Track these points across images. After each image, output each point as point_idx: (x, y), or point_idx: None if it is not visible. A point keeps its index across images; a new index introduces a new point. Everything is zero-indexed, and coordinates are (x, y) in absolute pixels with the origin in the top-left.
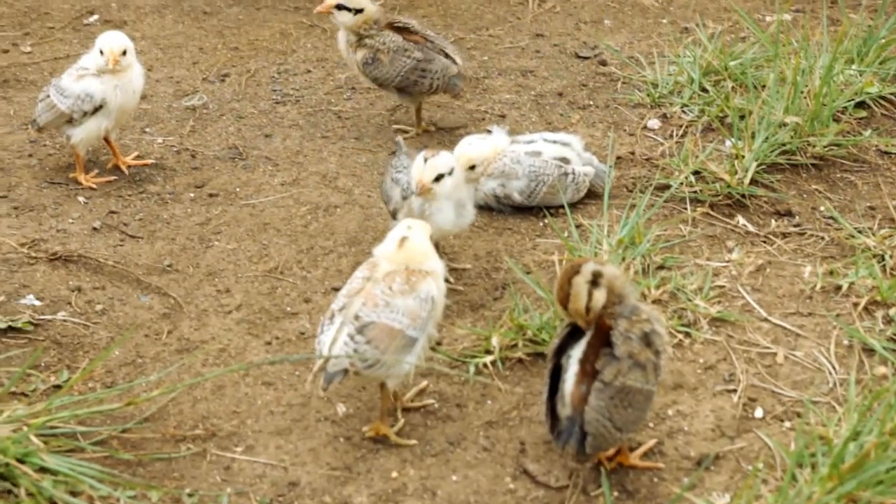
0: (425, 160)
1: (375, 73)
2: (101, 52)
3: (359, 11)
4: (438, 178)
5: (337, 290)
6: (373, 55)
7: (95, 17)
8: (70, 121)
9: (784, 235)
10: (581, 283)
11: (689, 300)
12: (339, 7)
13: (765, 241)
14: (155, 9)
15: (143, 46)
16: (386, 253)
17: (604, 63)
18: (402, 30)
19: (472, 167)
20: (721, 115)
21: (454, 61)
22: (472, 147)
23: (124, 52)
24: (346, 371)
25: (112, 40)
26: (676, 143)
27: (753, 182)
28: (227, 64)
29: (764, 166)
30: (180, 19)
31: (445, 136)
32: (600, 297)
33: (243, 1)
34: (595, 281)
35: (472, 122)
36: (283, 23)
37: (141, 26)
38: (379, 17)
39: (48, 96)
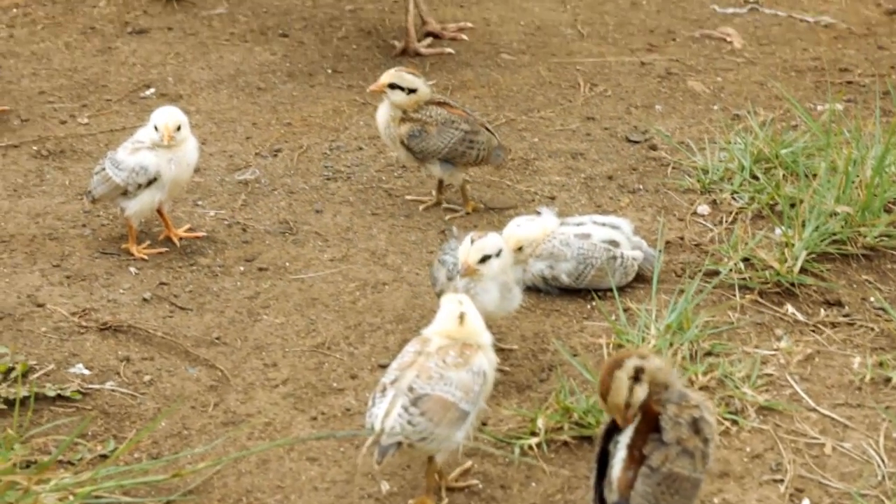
0: (472, 241)
1: (423, 145)
2: (156, 128)
3: (412, 91)
4: (484, 260)
5: (384, 366)
6: (420, 127)
7: (152, 90)
8: (124, 193)
9: (833, 325)
10: (623, 377)
11: (737, 388)
12: (393, 87)
13: (814, 331)
14: (210, 84)
15: (198, 120)
16: (445, 329)
17: (654, 147)
18: (443, 104)
19: (521, 248)
20: (771, 202)
21: (494, 134)
22: (521, 228)
23: (179, 128)
24: (399, 444)
25: (167, 116)
26: (726, 229)
27: (803, 271)
28: (279, 139)
29: (814, 255)
30: (235, 94)
31: (495, 216)
32: (641, 393)
33: (297, 78)
34: (637, 376)
35: (521, 203)
36: (336, 100)
37: (196, 100)
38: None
39: (103, 169)
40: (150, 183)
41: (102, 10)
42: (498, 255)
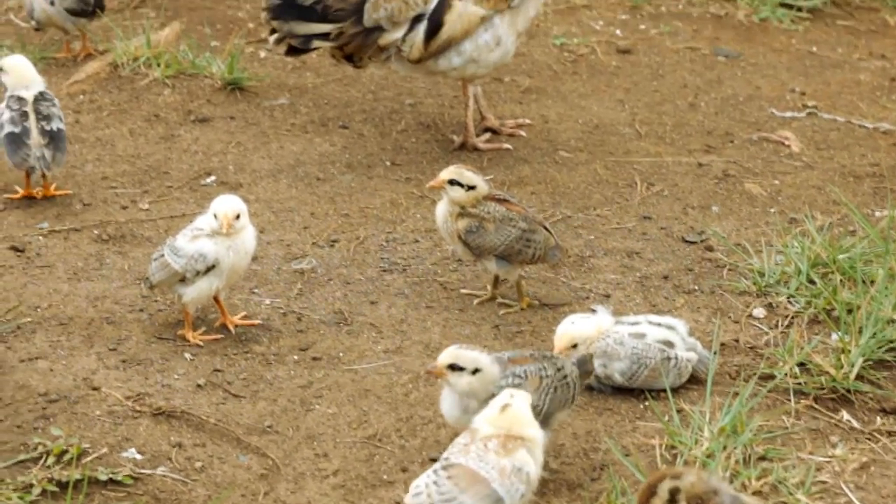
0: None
1: (479, 241)
2: (216, 216)
3: (472, 188)
4: (454, 368)
5: (434, 460)
6: (478, 223)
7: (213, 178)
8: (182, 279)
9: (890, 434)
10: None
11: (791, 494)
12: (453, 183)
13: (869, 439)
14: (270, 173)
15: (257, 209)
16: (488, 417)
17: (710, 249)
18: (503, 201)
19: (575, 346)
20: (828, 307)
21: (552, 233)
22: (576, 326)
23: (238, 216)
24: None
25: (227, 205)
26: (782, 333)
27: (859, 377)
28: (337, 230)
29: (871, 362)
30: (294, 184)
31: (549, 312)
32: None
33: (356, 169)
34: (673, 498)
35: (576, 300)
36: (394, 192)
37: (256, 189)
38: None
39: (162, 255)
40: (208, 270)
41: (167, 98)
42: (473, 373)
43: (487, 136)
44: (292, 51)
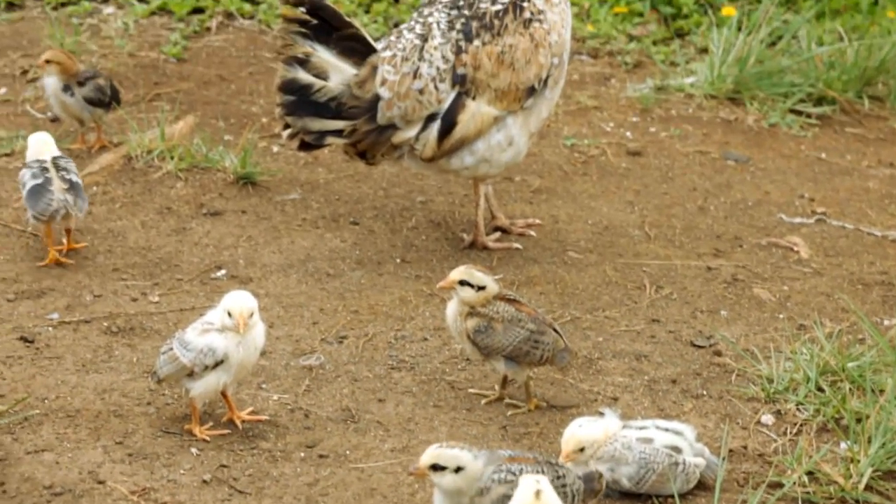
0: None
1: (487, 341)
2: (230, 313)
3: (482, 288)
4: (436, 468)
5: None
6: (486, 323)
7: (223, 271)
8: (190, 374)
9: None
10: None
11: None
12: (463, 283)
13: None
14: (281, 268)
15: (266, 303)
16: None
17: (719, 353)
18: (513, 301)
19: (582, 449)
20: (837, 416)
21: (561, 336)
22: (583, 429)
23: (251, 314)
24: None
25: (241, 303)
26: (790, 440)
27: (868, 488)
28: (346, 326)
29: (880, 472)
30: (304, 279)
31: (557, 414)
32: None
33: (366, 265)
34: None
35: (584, 403)
36: (404, 289)
37: (266, 284)
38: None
39: (171, 349)
40: (216, 365)
41: (179, 191)
42: (456, 471)
43: (497, 235)
44: (305, 146)
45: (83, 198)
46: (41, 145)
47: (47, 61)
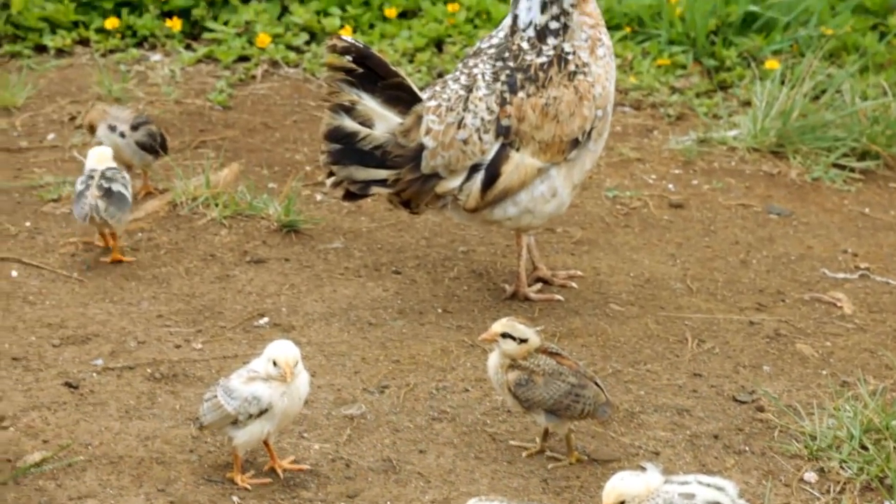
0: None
1: (528, 395)
2: (275, 363)
3: (524, 341)
4: None
5: None
6: (527, 376)
7: (266, 319)
8: (234, 422)
9: None
10: None
11: None
12: (505, 336)
13: None
14: (323, 316)
15: (309, 352)
16: None
17: (761, 409)
18: (555, 354)
19: (623, 503)
20: (881, 475)
21: (602, 389)
22: (624, 483)
23: (296, 363)
24: None
25: (287, 352)
26: (833, 499)
27: None
28: (387, 376)
29: None
30: (346, 328)
31: (598, 468)
32: None
33: (408, 315)
34: None
35: (625, 457)
36: (445, 340)
37: (308, 332)
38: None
39: (215, 396)
40: (261, 413)
41: (223, 238)
42: None
43: (539, 286)
44: (350, 196)
45: (118, 206)
46: (97, 158)
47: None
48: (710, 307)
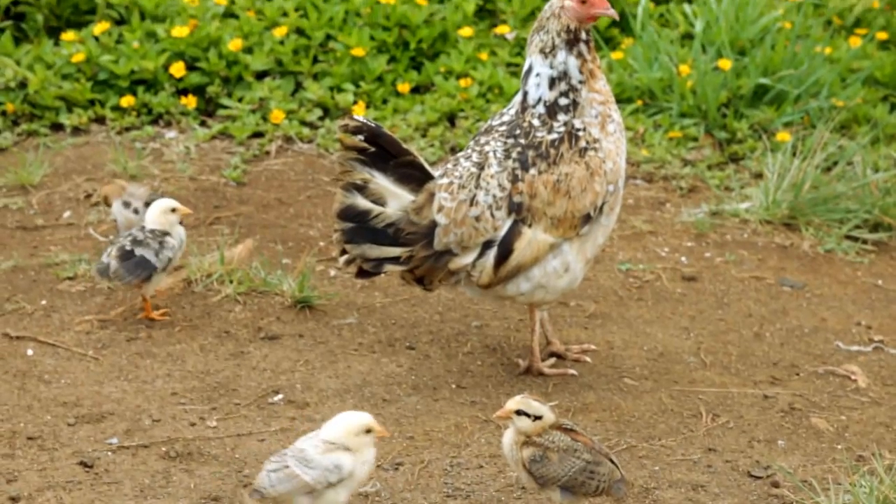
0: None
1: (543, 471)
2: (369, 430)
3: (538, 418)
4: None
5: None
6: (542, 453)
7: (280, 396)
8: (310, 492)
9: None
10: None
11: None
12: (520, 413)
13: None
14: (337, 393)
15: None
16: None
17: (776, 485)
18: (569, 430)
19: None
20: None
21: (617, 466)
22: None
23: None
24: None
25: (369, 419)
26: None
27: None
28: (401, 452)
29: None
30: (360, 404)
31: None
32: None
33: (422, 391)
34: None
35: None
36: (459, 416)
37: (322, 409)
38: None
39: (286, 466)
40: (339, 482)
41: (238, 314)
42: None
43: (553, 361)
44: (363, 273)
45: (131, 270)
46: (153, 215)
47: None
48: (724, 381)
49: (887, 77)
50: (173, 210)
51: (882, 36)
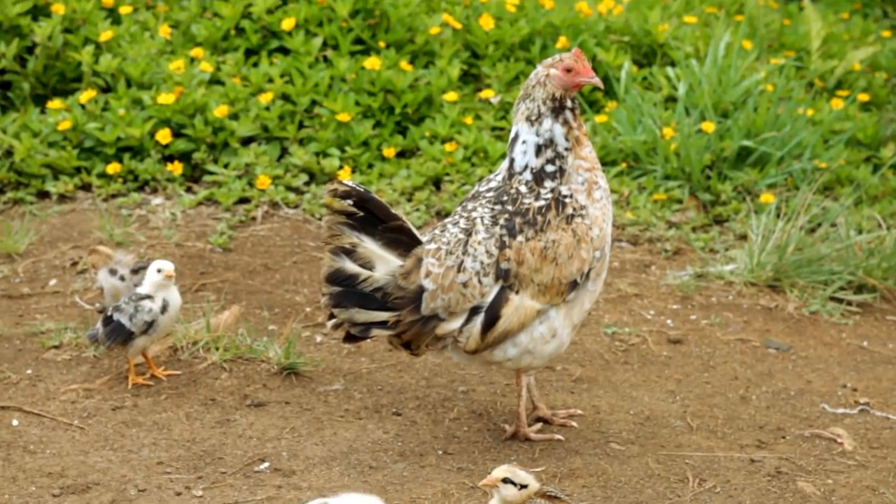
0: None
1: None
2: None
3: (524, 487)
4: None
5: None
6: None
7: (266, 464)
8: None
9: None
10: None
11: None
12: (506, 481)
13: None
14: (323, 460)
15: (309, 496)
16: None
17: None
18: (554, 498)
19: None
20: None
21: None
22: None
23: None
24: None
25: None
26: None
27: None
28: None
29: None
30: (346, 472)
31: None
32: None
33: (409, 457)
34: None
35: None
36: (446, 482)
37: (308, 476)
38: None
39: None
40: None
41: (224, 382)
42: None
43: (539, 426)
44: (351, 338)
45: (108, 334)
46: (149, 278)
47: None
48: (711, 445)
49: (869, 138)
50: (158, 270)
51: (863, 97)
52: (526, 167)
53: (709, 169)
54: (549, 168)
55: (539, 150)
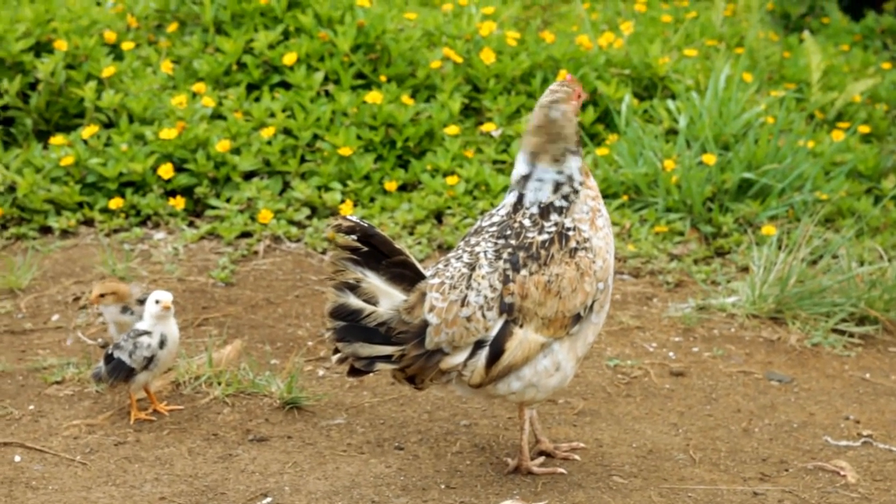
0: None
1: None
2: None
3: None
4: None
5: None
6: None
7: (269, 500)
8: None
9: None
10: None
11: None
12: None
13: None
14: (326, 495)
15: None
16: None
17: None
18: None
19: None
20: None
21: None
22: None
23: None
24: None
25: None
26: None
27: None
28: None
29: None
30: None
31: None
32: None
33: (411, 492)
34: None
35: None
36: None
37: None
38: None
39: None
40: None
41: (226, 416)
42: None
43: (542, 459)
44: (355, 372)
45: (109, 372)
46: (150, 309)
47: (101, 295)
48: (714, 478)
49: (870, 170)
50: (157, 301)
51: (864, 129)
52: (535, 202)
53: (710, 201)
54: (559, 203)
55: (557, 187)
